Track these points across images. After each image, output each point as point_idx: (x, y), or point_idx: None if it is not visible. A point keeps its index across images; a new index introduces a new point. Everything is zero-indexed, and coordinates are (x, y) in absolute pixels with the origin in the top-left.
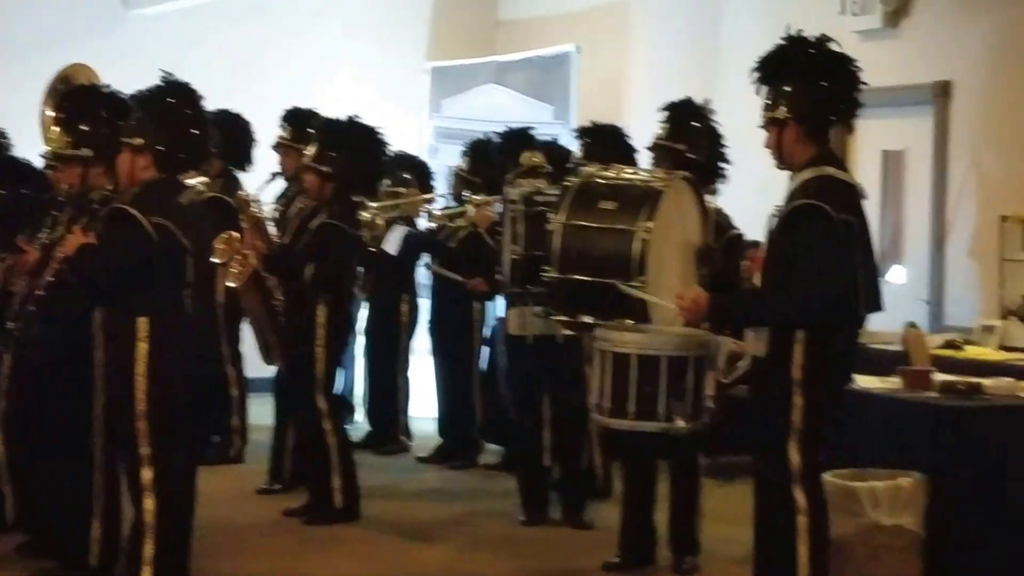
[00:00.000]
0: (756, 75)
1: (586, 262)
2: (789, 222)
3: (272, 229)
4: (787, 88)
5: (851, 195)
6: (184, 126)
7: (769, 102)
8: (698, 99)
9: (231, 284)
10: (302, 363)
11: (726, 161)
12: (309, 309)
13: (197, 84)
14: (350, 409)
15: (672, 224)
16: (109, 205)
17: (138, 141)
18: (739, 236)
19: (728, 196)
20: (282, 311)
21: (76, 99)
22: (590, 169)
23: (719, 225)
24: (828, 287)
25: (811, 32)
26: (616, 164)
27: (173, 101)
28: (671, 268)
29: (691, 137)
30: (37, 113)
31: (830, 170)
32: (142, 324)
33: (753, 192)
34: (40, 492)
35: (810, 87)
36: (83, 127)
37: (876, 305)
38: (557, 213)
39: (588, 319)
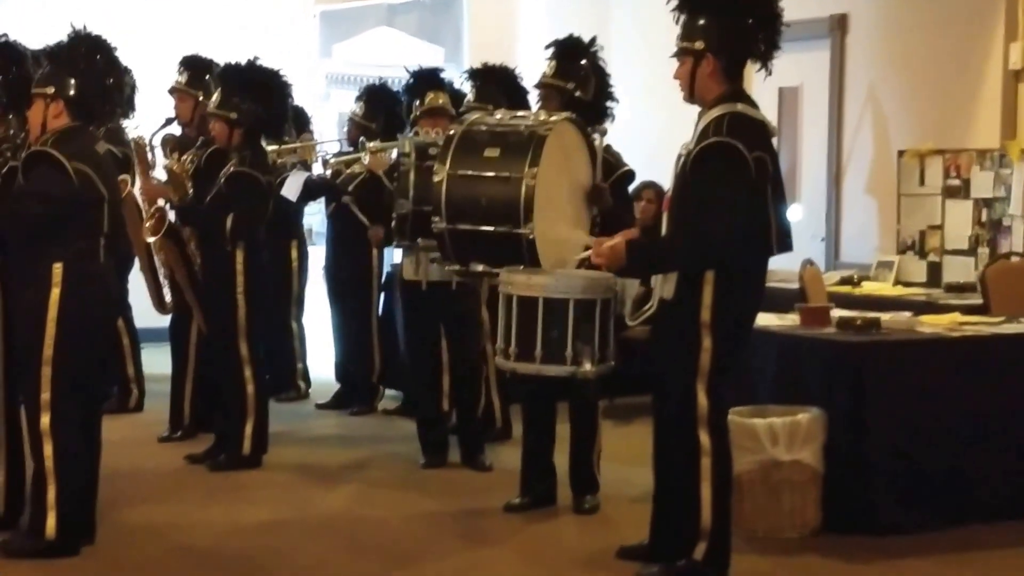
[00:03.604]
0: (676, 2)
1: (474, 211)
2: (700, 160)
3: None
4: (708, 20)
5: (763, 133)
6: (98, 75)
7: (686, 32)
8: (587, 36)
9: (149, 238)
10: (221, 311)
11: (614, 99)
12: (228, 257)
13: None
14: None
15: (559, 167)
16: (26, 151)
17: (50, 90)
18: (630, 173)
19: (616, 134)
20: (199, 261)
21: None
22: (473, 116)
23: (609, 164)
24: (740, 225)
25: None
26: (501, 108)
27: (84, 50)
28: (562, 211)
29: (578, 76)
30: None
31: (741, 107)
32: (56, 270)
33: (643, 130)
34: None
35: (733, 21)
36: None
37: (787, 245)
38: (442, 163)
39: (479, 267)
